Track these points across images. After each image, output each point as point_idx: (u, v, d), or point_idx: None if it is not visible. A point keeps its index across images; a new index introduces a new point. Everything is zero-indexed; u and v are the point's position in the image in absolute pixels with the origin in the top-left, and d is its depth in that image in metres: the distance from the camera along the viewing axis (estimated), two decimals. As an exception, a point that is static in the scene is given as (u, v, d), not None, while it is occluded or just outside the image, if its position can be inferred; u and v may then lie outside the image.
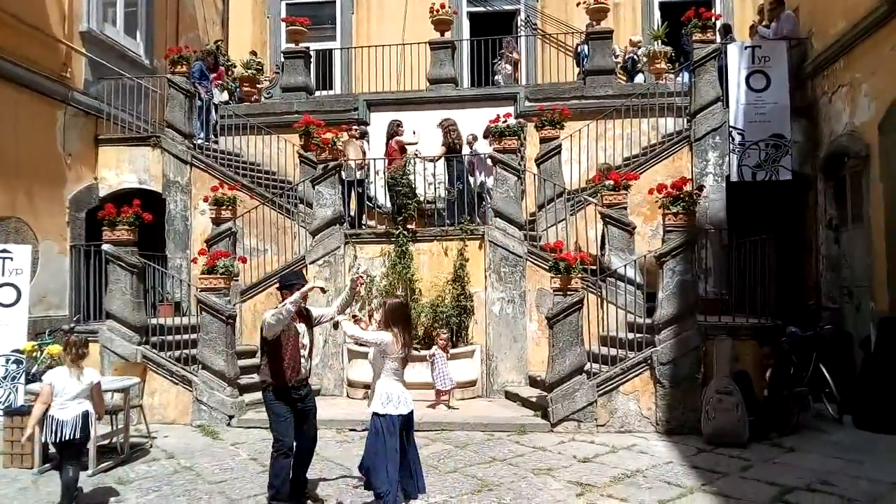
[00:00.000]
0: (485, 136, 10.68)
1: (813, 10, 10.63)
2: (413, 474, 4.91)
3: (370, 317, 9.04)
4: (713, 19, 10.88)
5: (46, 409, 5.18)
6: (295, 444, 5.21)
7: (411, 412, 4.86)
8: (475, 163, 10.69)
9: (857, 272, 9.18)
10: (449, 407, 8.46)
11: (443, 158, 10.34)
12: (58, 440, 5.16)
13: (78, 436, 5.18)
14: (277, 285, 5.74)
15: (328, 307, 5.65)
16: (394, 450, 4.67)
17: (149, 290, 9.29)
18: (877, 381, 7.51)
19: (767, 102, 10.28)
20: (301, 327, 5.30)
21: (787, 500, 5.35)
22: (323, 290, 6.02)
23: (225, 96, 12.99)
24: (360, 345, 5.08)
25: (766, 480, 5.79)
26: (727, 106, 10.38)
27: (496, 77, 13.12)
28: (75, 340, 5.56)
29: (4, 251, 8.76)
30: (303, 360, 5.27)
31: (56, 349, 7.07)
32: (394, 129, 10.79)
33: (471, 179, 10.41)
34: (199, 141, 11.63)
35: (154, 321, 8.96)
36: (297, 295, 5.09)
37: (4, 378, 8.35)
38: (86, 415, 5.26)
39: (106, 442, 6.87)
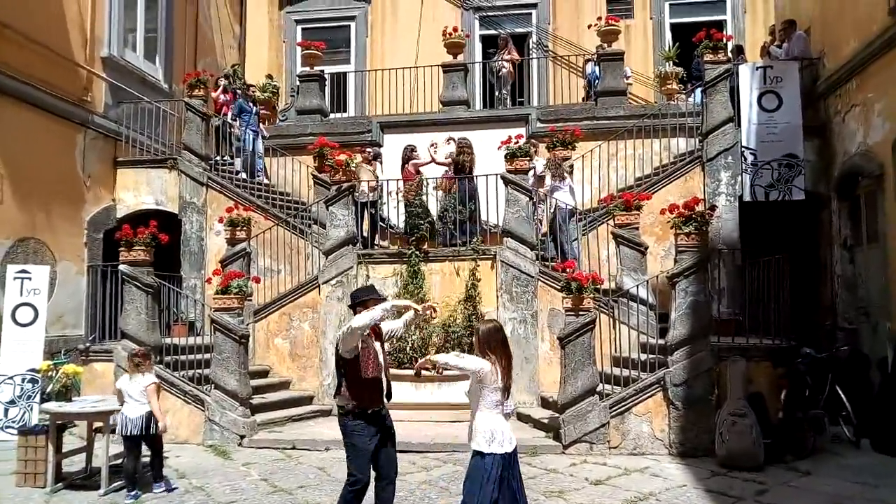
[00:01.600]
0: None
1: (825, 30, 10.64)
2: None
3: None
4: (724, 40, 10.92)
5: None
6: (374, 477, 4.75)
7: (515, 449, 4.29)
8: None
9: (873, 292, 9.08)
10: None
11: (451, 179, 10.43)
12: (125, 434, 6.19)
13: (140, 432, 6.20)
14: (349, 304, 5.25)
15: (395, 321, 5.11)
16: (489, 493, 4.10)
17: (163, 309, 9.39)
18: (894, 403, 7.39)
19: (780, 122, 10.27)
20: (377, 346, 4.82)
21: (803, 524, 5.27)
22: (434, 310, 5.17)
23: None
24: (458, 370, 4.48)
25: (782, 504, 5.71)
26: (739, 126, 10.37)
27: (500, 72, 13.15)
28: (134, 352, 6.80)
29: (23, 272, 8.91)
30: (381, 384, 4.78)
31: (72, 368, 7.15)
32: (408, 154, 10.85)
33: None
34: (241, 173, 11.76)
35: (168, 341, 9.04)
36: (390, 304, 4.70)
37: (20, 397, 8.46)
38: (149, 415, 6.24)
39: (118, 462, 6.91)
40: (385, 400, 4.84)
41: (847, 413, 7.81)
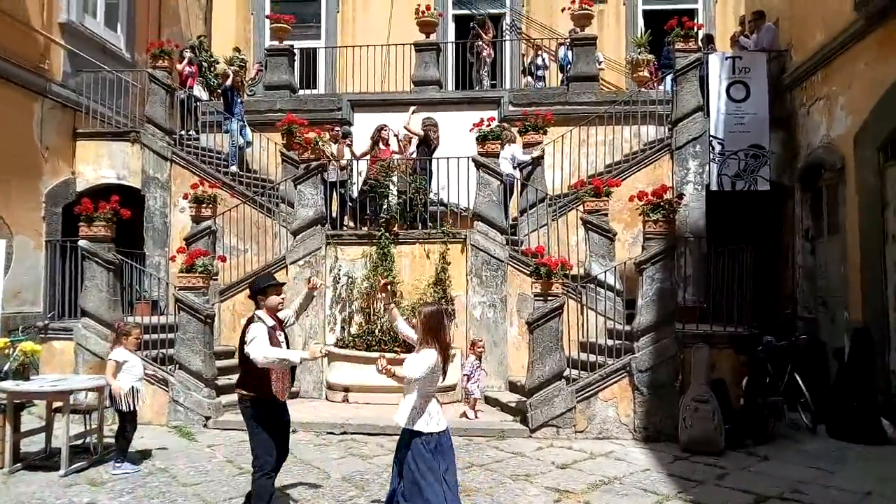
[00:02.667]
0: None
1: (793, 22, 10.79)
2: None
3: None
4: (695, 29, 11.01)
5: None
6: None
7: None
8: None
9: (832, 283, 9.34)
10: (475, 415, 8.18)
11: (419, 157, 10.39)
12: (134, 407, 6.38)
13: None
14: (248, 291, 5.38)
15: (286, 310, 5.25)
16: (438, 468, 4.19)
17: (126, 287, 9.16)
18: (849, 391, 7.65)
19: (747, 113, 10.42)
20: (281, 336, 4.95)
21: (761, 508, 5.43)
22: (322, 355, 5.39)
23: (206, 95, 12.83)
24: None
25: (741, 489, 5.86)
26: (708, 115, 10.49)
27: (481, 54, 13.10)
28: (128, 326, 6.73)
29: (-23, 245, 8.58)
30: (288, 374, 4.92)
31: (29, 346, 6.92)
32: (377, 135, 10.66)
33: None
34: (233, 168, 11.41)
35: (130, 319, 8.82)
36: (294, 355, 4.84)
37: (-25, 375, 8.18)
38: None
39: (79, 442, 6.78)
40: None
41: (805, 400, 8.05)
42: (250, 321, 4.85)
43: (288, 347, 5.14)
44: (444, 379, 4.40)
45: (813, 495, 5.70)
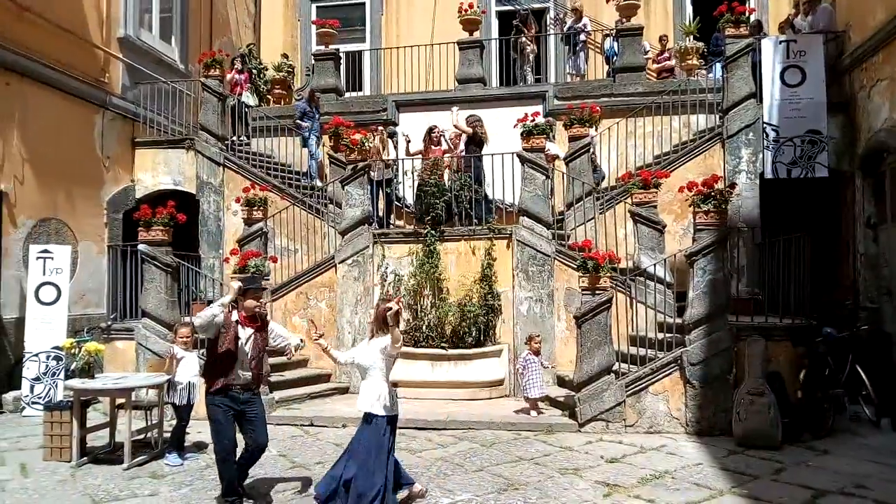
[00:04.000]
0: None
1: (850, 2, 10.35)
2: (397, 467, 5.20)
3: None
4: (747, 13, 10.69)
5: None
6: (245, 445, 5.32)
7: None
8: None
9: (896, 271, 8.93)
10: (539, 412, 8.09)
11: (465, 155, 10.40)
12: (189, 402, 6.67)
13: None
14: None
15: (293, 337, 5.65)
16: (385, 448, 4.88)
17: (182, 288, 9.49)
18: (916, 383, 7.31)
19: (803, 98, 10.06)
20: (245, 333, 5.23)
21: None
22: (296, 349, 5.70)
23: (254, 100, 13.17)
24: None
25: (799, 484, 5.68)
26: (761, 102, 10.18)
27: (525, 50, 13.04)
28: (177, 325, 7.29)
29: (45, 251, 9.05)
30: (240, 368, 5.17)
31: (94, 346, 7.25)
32: (428, 135, 10.69)
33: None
34: (317, 183, 11.60)
35: (187, 319, 9.12)
36: (219, 302, 5.22)
37: (45, 374, 8.64)
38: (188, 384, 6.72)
39: (141, 437, 7.05)
40: (250, 387, 5.30)
41: (867, 392, 7.73)
42: None
43: (259, 348, 5.34)
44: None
45: (877, 491, 5.47)
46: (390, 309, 4.82)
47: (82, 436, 6.70)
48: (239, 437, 5.32)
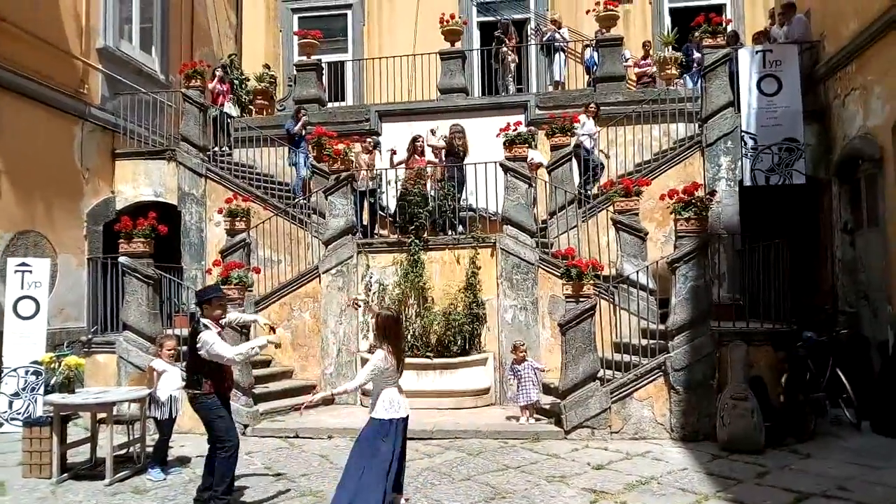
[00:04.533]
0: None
1: (825, 12, 10.58)
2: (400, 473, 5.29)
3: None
4: (723, 24, 10.87)
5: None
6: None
7: (408, 416, 5.23)
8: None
9: (873, 276, 9.08)
10: (526, 420, 8.05)
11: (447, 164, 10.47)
12: (171, 416, 6.61)
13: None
14: (195, 301, 6.07)
15: (249, 341, 6.05)
16: (389, 453, 4.96)
17: (164, 301, 9.40)
18: (894, 386, 7.41)
19: (779, 106, 10.24)
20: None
21: (804, 506, 5.30)
22: (277, 346, 5.87)
23: (236, 111, 13.12)
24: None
25: (782, 487, 5.74)
26: (739, 111, 10.34)
27: (505, 60, 13.13)
28: (162, 338, 7.19)
29: (24, 265, 8.92)
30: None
31: (74, 360, 7.15)
32: (412, 145, 10.77)
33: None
34: (302, 201, 11.26)
35: (170, 331, 9.04)
36: (260, 341, 5.41)
37: (24, 389, 8.50)
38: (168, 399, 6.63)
39: (123, 452, 6.95)
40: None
41: (848, 395, 7.83)
42: (196, 329, 5.32)
43: None
44: (400, 375, 5.16)
45: (858, 493, 5.54)
46: (355, 300, 5.13)
47: (62, 452, 6.60)
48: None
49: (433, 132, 11.06)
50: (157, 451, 6.61)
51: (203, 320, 5.39)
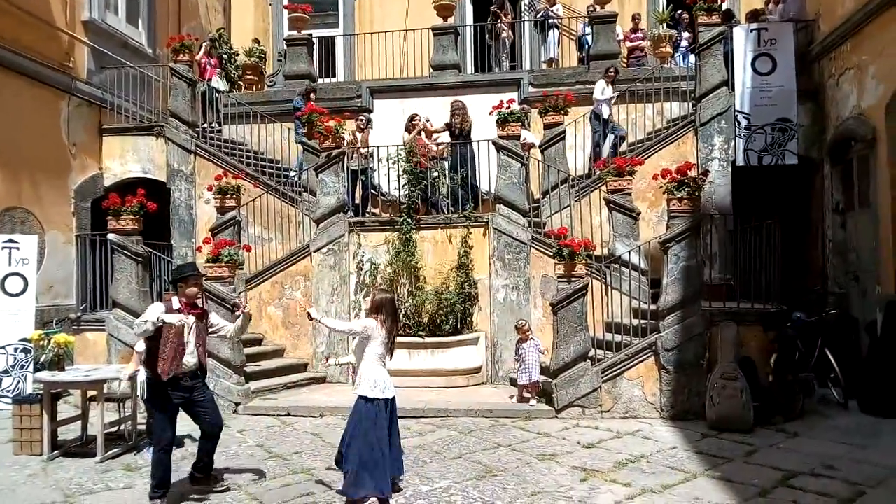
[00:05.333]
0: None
1: (820, -9, 10.49)
2: (397, 455, 5.27)
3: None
4: (719, 2, 10.76)
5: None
6: (201, 430, 5.46)
7: (394, 397, 5.19)
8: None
9: (863, 257, 9.13)
10: (527, 401, 7.98)
11: (446, 140, 10.36)
12: None
13: None
14: (170, 279, 5.82)
15: (229, 323, 5.71)
16: (373, 432, 4.93)
17: (154, 278, 9.34)
18: (882, 366, 7.50)
19: (774, 86, 10.19)
20: (189, 320, 5.22)
21: (792, 484, 5.35)
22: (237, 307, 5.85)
23: (225, 86, 12.89)
24: (347, 334, 5.16)
25: (771, 465, 5.80)
26: (733, 90, 10.29)
27: (501, 35, 12.99)
28: None
29: (11, 241, 8.82)
30: (187, 355, 5.19)
31: (63, 338, 7.09)
32: (409, 123, 10.62)
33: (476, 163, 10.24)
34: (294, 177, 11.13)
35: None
36: (169, 318, 5.06)
37: (13, 367, 8.45)
38: None
39: (114, 429, 6.94)
40: (196, 372, 5.35)
41: (836, 375, 7.92)
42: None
43: (200, 335, 5.35)
44: (390, 357, 5.18)
45: (845, 471, 5.61)
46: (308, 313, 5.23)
47: (53, 429, 6.59)
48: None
49: (429, 122, 10.88)
50: (151, 431, 6.57)
51: (168, 296, 5.23)
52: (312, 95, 11.64)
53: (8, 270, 8.72)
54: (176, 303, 5.25)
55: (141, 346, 6.51)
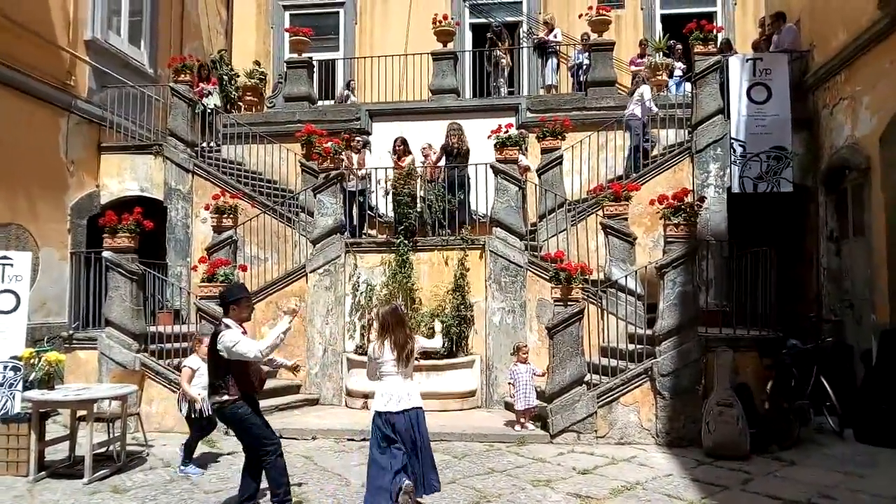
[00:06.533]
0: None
1: (814, 22, 10.67)
2: (426, 472, 5.13)
3: (370, 326, 9.01)
4: (715, 32, 10.92)
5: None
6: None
7: (418, 408, 5.03)
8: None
9: (858, 284, 9.15)
10: (523, 426, 7.85)
11: (443, 164, 10.40)
12: (199, 414, 6.53)
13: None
14: (219, 302, 5.77)
15: (271, 333, 5.52)
16: (384, 458, 4.88)
17: (148, 297, 9.28)
18: (878, 394, 7.47)
19: (769, 114, 10.30)
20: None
21: (788, 513, 5.31)
22: (295, 370, 5.99)
23: (219, 100, 12.82)
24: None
25: (767, 494, 5.74)
26: (728, 118, 10.39)
27: (500, 63, 13.12)
28: (200, 334, 7.27)
29: (4, 258, 8.72)
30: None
31: (54, 356, 7.02)
32: (396, 147, 10.67)
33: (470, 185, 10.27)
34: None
35: (153, 329, 8.94)
36: (282, 326, 5.10)
37: (2, 385, 8.30)
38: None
39: (103, 450, 6.85)
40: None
41: (831, 403, 7.88)
42: (218, 331, 5.06)
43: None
44: (406, 365, 5.04)
45: (843, 500, 5.57)
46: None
47: (40, 449, 6.50)
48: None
49: (430, 146, 10.95)
50: (189, 448, 6.56)
51: (225, 320, 5.08)
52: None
53: (1, 287, 8.64)
54: (233, 324, 5.10)
55: (196, 362, 6.67)
